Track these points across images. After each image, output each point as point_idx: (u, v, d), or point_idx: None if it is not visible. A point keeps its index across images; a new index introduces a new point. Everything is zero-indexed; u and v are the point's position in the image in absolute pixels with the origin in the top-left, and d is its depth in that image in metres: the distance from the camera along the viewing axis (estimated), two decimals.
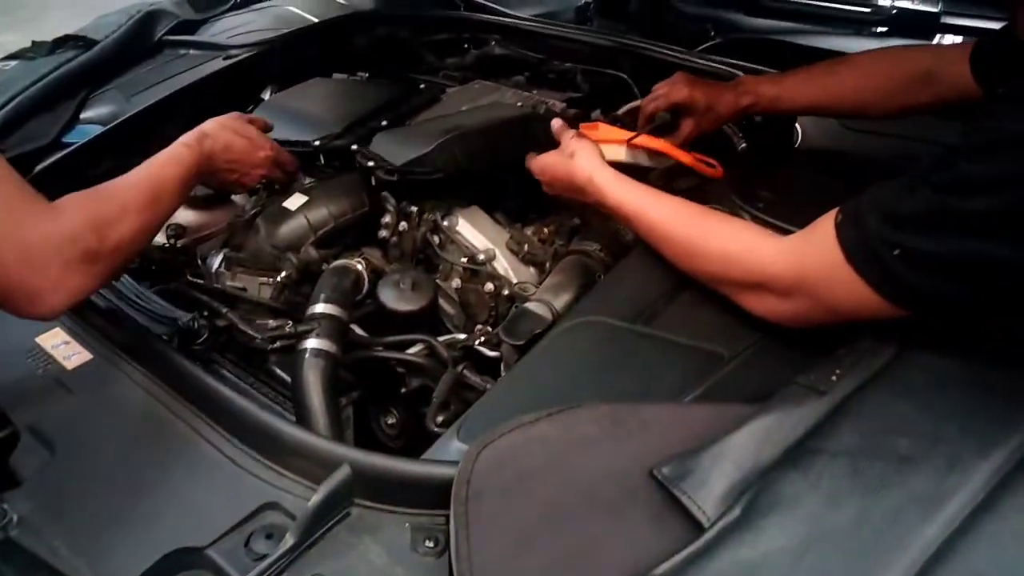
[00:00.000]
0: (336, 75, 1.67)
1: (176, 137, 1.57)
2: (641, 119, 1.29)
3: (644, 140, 1.18)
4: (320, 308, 1.09)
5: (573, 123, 1.29)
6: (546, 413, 0.75)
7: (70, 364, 0.99)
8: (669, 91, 1.25)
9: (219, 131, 1.16)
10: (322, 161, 1.37)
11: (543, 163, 1.15)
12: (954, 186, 0.69)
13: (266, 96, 1.72)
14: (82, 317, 1.05)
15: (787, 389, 0.72)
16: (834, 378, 0.72)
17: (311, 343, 1.05)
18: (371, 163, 1.25)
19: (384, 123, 1.40)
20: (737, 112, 1.24)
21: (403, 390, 1.15)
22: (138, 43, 1.76)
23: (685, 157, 1.19)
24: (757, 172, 1.17)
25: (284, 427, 0.81)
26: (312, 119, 1.39)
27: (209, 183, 1.19)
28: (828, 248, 0.78)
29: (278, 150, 1.24)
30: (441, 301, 1.23)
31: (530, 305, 1.08)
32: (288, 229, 1.24)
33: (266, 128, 1.27)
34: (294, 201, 1.26)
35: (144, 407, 0.91)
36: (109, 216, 0.89)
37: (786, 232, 0.88)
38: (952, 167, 0.69)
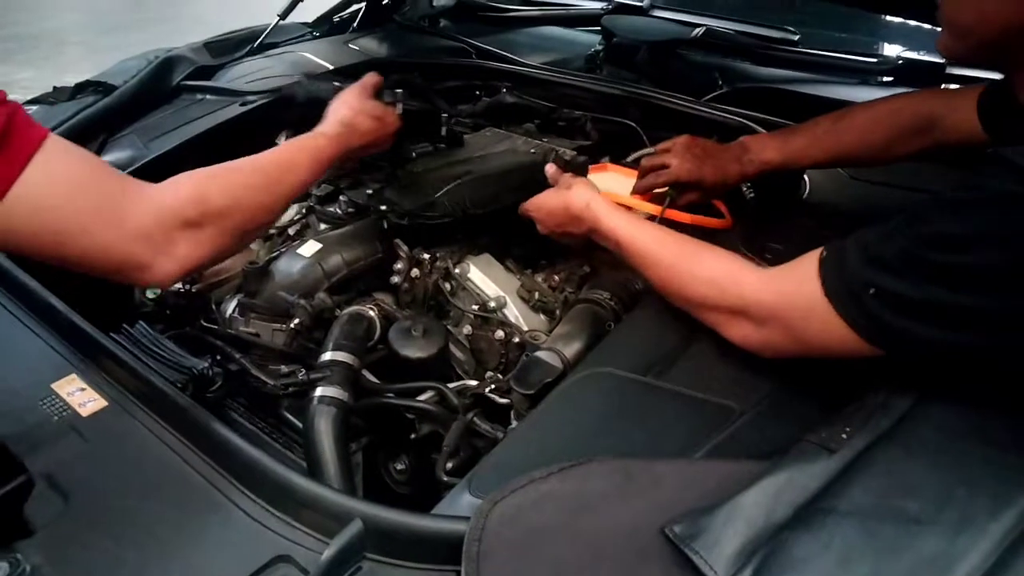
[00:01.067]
0: None
1: None
2: (641, 182, 1.30)
3: (642, 201, 1.21)
4: (332, 355, 1.10)
5: (582, 170, 1.32)
6: (557, 468, 0.76)
7: (85, 411, 1.00)
8: (677, 166, 1.25)
9: (361, 121, 1.19)
10: (341, 208, 1.38)
11: (537, 201, 1.20)
12: (930, 240, 0.72)
13: (281, 141, 1.75)
14: (97, 363, 1.06)
15: (798, 447, 0.72)
16: (844, 436, 0.72)
17: (323, 391, 1.06)
18: (383, 207, 1.27)
19: (414, 154, 1.43)
20: (743, 180, 1.26)
21: (413, 436, 1.16)
22: (156, 88, 1.79)
23: (686, 219, 1.21)
24: (765, 223, 1.18)
25: (297, 480, 0.82)
26: None
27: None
28: (809, 280, 0.82)
29: (395, 118, 1.29)
30: (452, 347, 1.24)
31: (541, 354, 1.08)
32: (302, 276, 1.25)
33: (379, 86, 1.32)
34: (308, 248, 1.27)
35: (158, 456, 0.92)
36: (213, 188, 0.95)
37: None
38: (930, 221, 0.73)
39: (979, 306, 0.70)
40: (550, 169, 1.23)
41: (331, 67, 1.89)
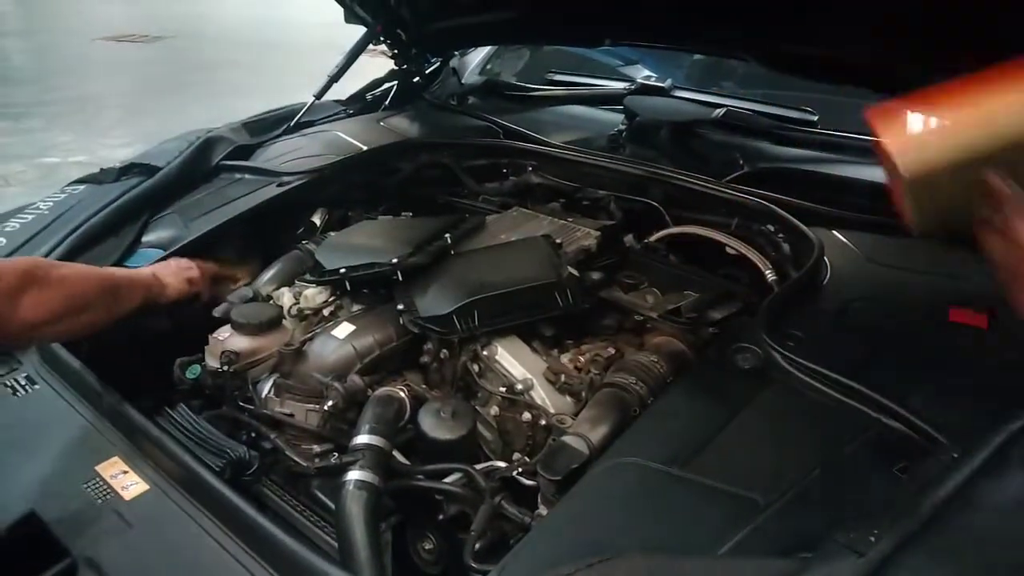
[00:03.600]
0: (381, 217, 1.76)
1: (232, 261, 1.68)
2: None
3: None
4: (364, 439, 1.13)
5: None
6: (585, 564, 0.77)
7: (128, 495, 1.03)
8: None
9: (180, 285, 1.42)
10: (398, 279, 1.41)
11: None
12: None
13: (316, 219, 1.81)
14: (140, 447, 1.10)
15: (826, 548, 0.74)
16: (872, 538, 0.74)
17: (355, 475, 1.08)
18: (401, 307, 1.32)
19: (448, 239, 1.48)
20: None
21: (441, 517, 1.18)
22: (197, 168, 1.87)
23: None
24: (787, 308, 1.21)
25: (331, 570, 0.84)
26: (380, 247, 1.46)
27: None
28: None
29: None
30: (480, 427, 1.27)
31: (567, 439, 1.11)
32: (336, 357, 1.29)
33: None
34: (342, 330, 1.32)
35: (197, 542, 0.95)
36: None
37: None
38: None
39: None
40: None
41: (362, 146, 1.97)
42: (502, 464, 1.19)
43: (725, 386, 1.07)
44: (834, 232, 1.42)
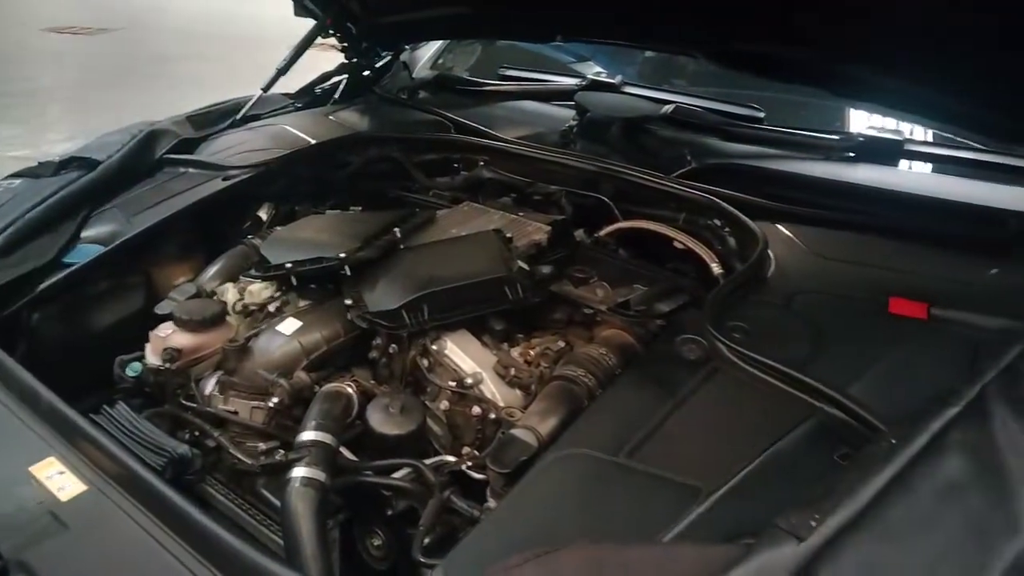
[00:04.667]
0: (329, 212, 1.73)
1: (175, 257, 1.63)
2: None
3: None
4: (310, 436, 1.12)
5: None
6: (532, 555, 0.77)
7: (64, 495, 1.00)
8: None
9: None
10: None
11: None
12: None
13: (263, 214, 1.78)
14: (77, 446, 1.07)
15: (768, 533, 0.74)
16: (813, 523, 0.74)
17: (300, 471, 1.07)
18: (348, 302, 1.30)
19: (397, 233, 1.46)
20: None
21: (389, 512, 1.17)
22: (139, 162, 1.82)
23: None
24: (732, 301, 1.22)
25: (275, 568, 0.83)
26: (327, 241, 1.44)
27: None
28: None
29: None
30: (429, 422, 1.26)
31: (516, 432, 1.10)
32: (281, 353, 1.28)
33: None
34: (288, 326, 1.30)
35: (137, 542, 0.93)
36: None
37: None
38: None
39: None
40: None
41: (310, 139, 1.94)
42: (451, 458, 1.19)
43: (671, 377, 1.08)
44: (779, 226, 1.44)
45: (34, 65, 7.78)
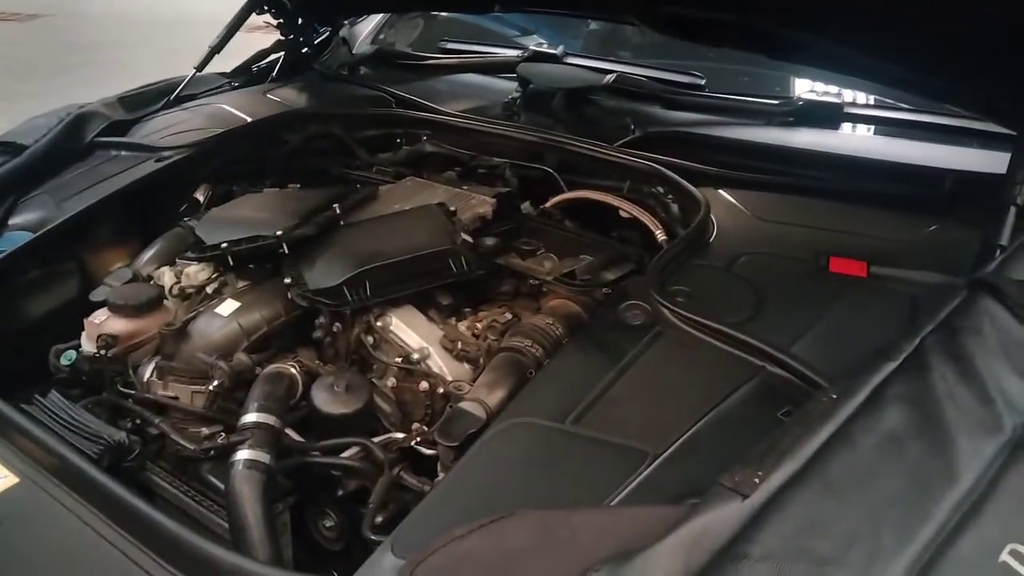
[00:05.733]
0: (267, 190, 1.69)
1: (109, 242, 1.58)
2: None
3: None
4: (252, 418, 1.09)
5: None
6: (477, 524, 0.76)
7: None
8: None
9: None
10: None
11: None
12: None
13: (200, 195, 1.73)
14: (7, 437, 1.03)
15: (712, 491, 0.74)
16: (756, 480, 0.75)
17: (243, 454, 1.05)
18: (288, 280, 1.28)
19: (337, 209, 1.43)
20: None
21: (340, 493, 1.16)
22: (68, 146, 1.75)
23: None
24: (675, 265, 1.22)
25: (219, 553, 0.81)
26: (264, 219, 1.40)
27: None
28: None
29: None
30: (377, 399, 1.24)
31: (464, 404, 1.09)
32: (220, 336, 1.24)
33: None
34: (226, 307, 1.26)
35: (73, 534, 0.90)
36: None
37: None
38: None
39: None
40: None
41: (248, 119, 1.89)
42: (400, 435, 1.17)
43: (616, 343, 1.08)
44: (721, 191, 1.45)
45: None
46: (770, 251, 1.28)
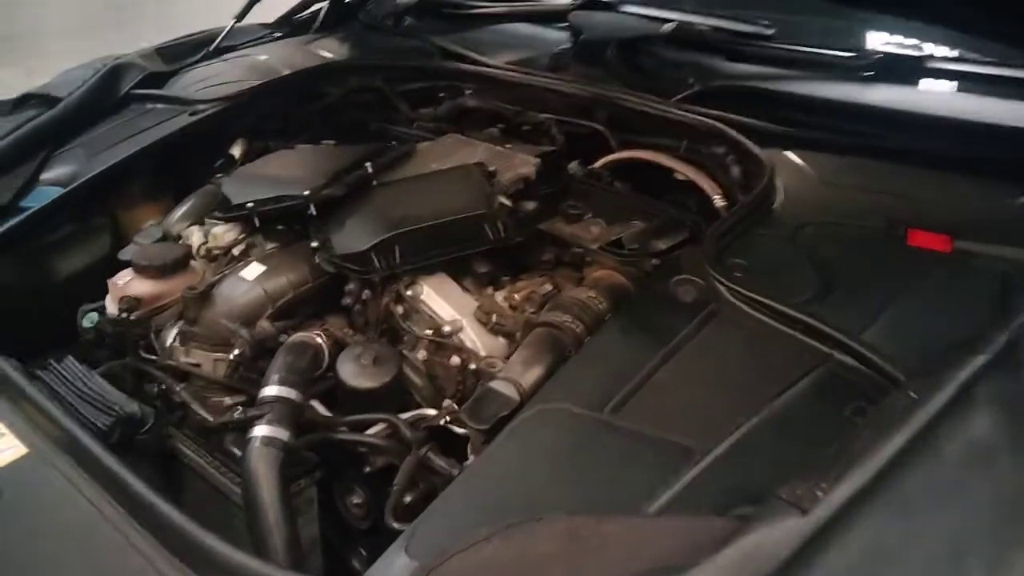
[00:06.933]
0: (300, 146, 1.62)
1: (142, 198, 1.54)
2: None
3: None
4: (272, 391, 1.04)
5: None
6: (501, 528, 0.69)
7: (2, 459, 0.93)
8: None
9: None
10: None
11: None
12: None
13: (236, 151, 1.67)
14: (19, 407, 0.99)
15: (767, 505, 0.65)
16: (819, 493, 0.65)
17: (260, 431, 1.00)
18: (315, 244, 1.21)
19: (369, 168, 1.35)
20: None
21: (368, 470, 1.10)
22: (103, 98, 1.71)
23: None
24: (734, 236, 1.11)
25: (215, 545, 0.75)
26: (293, 178, 1.34)
27: None
28: None
29: None
30: (408, 372, 1.18)
31: (496, 384, 1.01)
32: (244, 301, 1.19)
33: None
34: (251, 271, 1.21)
35: (77, 513, 0.85)
36: None
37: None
38: None
39: None
40: None
41: (289, 71, 1.81)
42: (431, 412, 1.10)
43: (663, 322, 0.98)
44: (787, 153, 1.32)
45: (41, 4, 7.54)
46: (841, 221, 1.16)
